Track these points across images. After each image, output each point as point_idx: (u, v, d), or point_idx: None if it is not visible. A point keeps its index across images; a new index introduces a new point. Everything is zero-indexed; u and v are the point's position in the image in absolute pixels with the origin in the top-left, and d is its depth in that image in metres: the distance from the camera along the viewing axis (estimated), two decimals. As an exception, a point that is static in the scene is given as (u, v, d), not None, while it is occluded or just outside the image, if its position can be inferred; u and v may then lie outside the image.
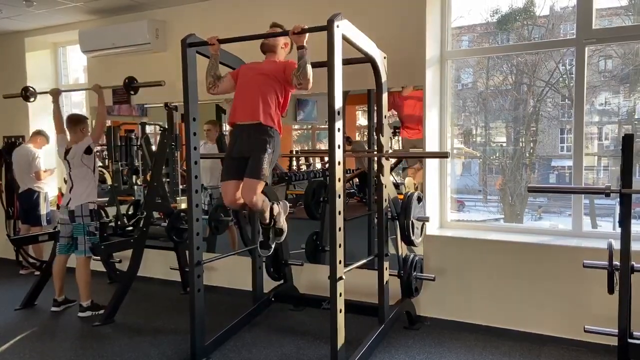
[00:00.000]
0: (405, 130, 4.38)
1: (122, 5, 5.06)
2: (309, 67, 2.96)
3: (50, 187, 6.00)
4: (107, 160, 5.97)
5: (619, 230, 2.71)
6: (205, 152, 5.13)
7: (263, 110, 3.15)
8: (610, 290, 2.73)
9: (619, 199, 2.67)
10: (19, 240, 5.10)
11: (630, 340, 2.72)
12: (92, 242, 4.35)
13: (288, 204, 3.59)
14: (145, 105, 5.63)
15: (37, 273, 5.61)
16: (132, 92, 4.66)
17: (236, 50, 3.62)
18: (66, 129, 4.50)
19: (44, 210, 5.76)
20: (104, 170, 5.96)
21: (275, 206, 3.42)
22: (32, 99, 5.09)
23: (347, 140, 4.66)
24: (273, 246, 3.49)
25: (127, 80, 4.57)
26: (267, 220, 3.38)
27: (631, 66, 4.18)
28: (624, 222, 2.66)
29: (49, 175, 5.86)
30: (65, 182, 4.58)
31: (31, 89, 5.04)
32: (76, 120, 4.46)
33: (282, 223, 3.48)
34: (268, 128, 3.17)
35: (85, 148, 4.34)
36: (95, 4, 5.03)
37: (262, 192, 3.24)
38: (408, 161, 4.39)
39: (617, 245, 2.74)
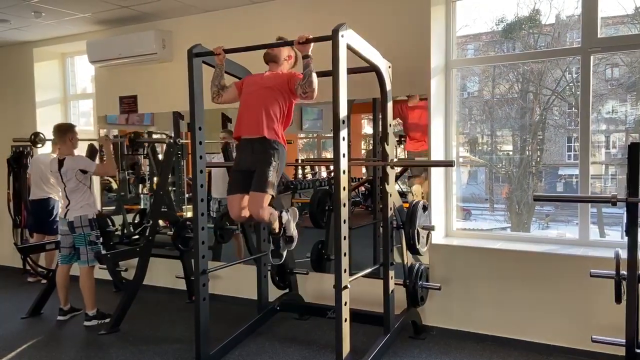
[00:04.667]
0: (411, 142, 4.38)
1: (129, 16, 5.11)
2: (314, 76, 2.97)
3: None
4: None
5: (626, 239, 2.69)
6: (219, 162, 5.14)
7: (267, 125, 3.15)
8: (618, 300, 2.71)
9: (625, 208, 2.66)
10: (26, 248, 5.12)
11: (637, 350, 2.69)
12: (94, 251, 4.36)
13: (297, 211, 3.59)
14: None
15: (44, 281, 5.63)
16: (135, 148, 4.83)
17: (242, 59, 3.64)
18: (55, 139, 4.43)
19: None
20: (111, 179, 5.99)
21: (284, 214, 3.41)
22: (39, 145, 5.20)
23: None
24: (285, 254, 3.48)
25: (132, 135, 4.79)
26: (277, 230, 3.38)
27: (638, 74, 4.17)
28: (631, 231, 2.65)
29: None
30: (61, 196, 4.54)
31: (41, 134, 5.15)
32: (64, 130, 4.37)
33: (293, 230, 3.47)
34: (272, 141, 3.17)
35: (83, 169, 4.31)
36: (103, 15, 5.08)
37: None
38: (413, 171, 4.38)
39: (624, 254, 2.72)
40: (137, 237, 5.40)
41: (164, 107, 5.30)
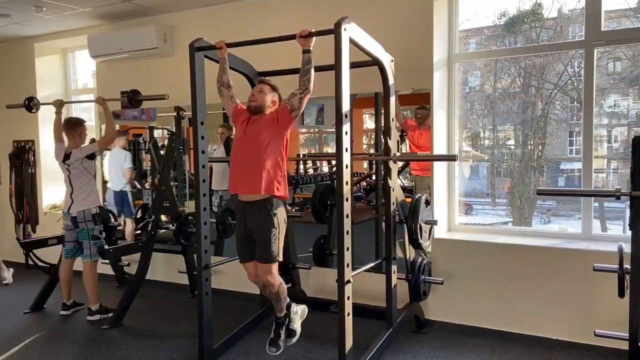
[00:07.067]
0: (419, 168, 4.40)
1: (130, 11, 5.09)
2: (313, 72, 2.95)
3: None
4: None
5: (629, 233, 2.69)
6: (218, 156, 5.14)
7: (266, 180, 3.03)
8: (621, 294, 2.72)
9: (629, 202, 2.66)
10: (29, 243, 5.13)
11: (641, 345, 2.69)
12: (97, 245, 4.37)
13: (307, 310, 3.46)
14: (158, 114, 5.68)
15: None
16: (134, 105, 4.69)
17: (244, 54, 3.63)
18: (64, 133, 4.47)
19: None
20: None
21: (294, 306, 3.33)
22: (34, 110, 5.11)
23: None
24: (282, 348, 3.24)
25: (130, 93, 4.61)
26: (282, 314, 3.27)
27: (640, 68, 4.17)
28: (635, 224, 2.64)
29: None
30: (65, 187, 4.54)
31: (35, 99, 5.09)
32: (74, 124, 4.44)
33: (297, 326, 3.32)
34: (271, 201, 3.06)
35: (89, 154, 4.35)
36: (104, 9, 5.07)
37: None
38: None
39: (627, 248, 2.72)
40: (139, 232, 5.41)
41: (165, 102, 5.28)
